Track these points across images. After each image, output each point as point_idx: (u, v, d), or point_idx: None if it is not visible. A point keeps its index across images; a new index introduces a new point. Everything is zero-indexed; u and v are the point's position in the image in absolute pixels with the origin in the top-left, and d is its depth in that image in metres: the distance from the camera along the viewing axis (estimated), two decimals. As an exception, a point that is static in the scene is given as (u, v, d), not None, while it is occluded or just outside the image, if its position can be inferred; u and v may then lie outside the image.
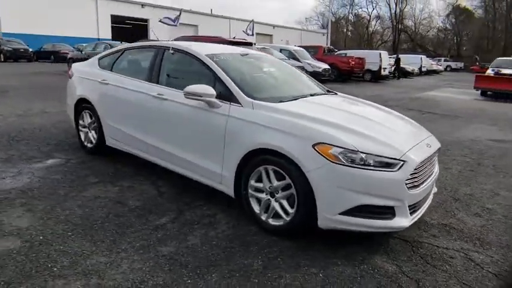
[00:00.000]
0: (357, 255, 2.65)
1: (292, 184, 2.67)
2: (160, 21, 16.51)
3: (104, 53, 4.55)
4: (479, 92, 15.82)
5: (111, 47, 13.91)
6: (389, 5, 56.92)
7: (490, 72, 16.02)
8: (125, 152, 4.11)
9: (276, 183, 2.77)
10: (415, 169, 2.63)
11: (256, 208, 2.94)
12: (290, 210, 2.73)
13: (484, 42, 51.92)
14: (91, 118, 4.44)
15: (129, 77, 3.98)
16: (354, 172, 2.48)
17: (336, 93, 3.94)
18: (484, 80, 15.46)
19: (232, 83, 3.14)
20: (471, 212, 3.54)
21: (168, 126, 3.50)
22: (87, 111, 4.46)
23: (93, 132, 4.46)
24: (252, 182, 2.92)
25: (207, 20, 35.99)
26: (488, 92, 15.63)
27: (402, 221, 2.61)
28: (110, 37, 30.72)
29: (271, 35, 43.13)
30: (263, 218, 2.89)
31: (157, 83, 3.66)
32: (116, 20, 32.61)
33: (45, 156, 4.39)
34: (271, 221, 2.85)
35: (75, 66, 4.87)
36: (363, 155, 2.51)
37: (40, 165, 4.07)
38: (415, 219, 2.75)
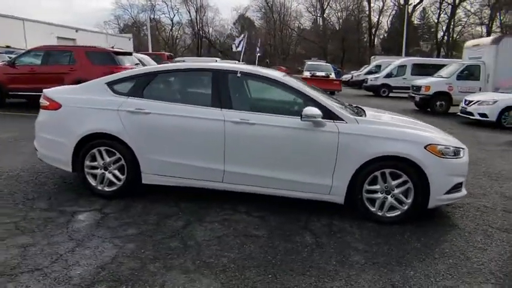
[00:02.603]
0: (448, 221, 3.65)
1: (409, 180, 3.39)
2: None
3: (115, 77, 3.73)
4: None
5: None
6: (189, 12, 60.26)
7: (307, 74, 20.00)
8: (159, 186, 3.69)
9: (392, 182, 3.41)
10: (463, 153, 3.83)
11: (371, 207, 3.49)
12: (407, 201, 3.44)
13: (268, 47, 62.43)
14: (110, 156, 3.67)
15: (182, 103, 3.59)
16: (451, 161, 3.45)
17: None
18: (307, 81, 19.22)
19: (329, 103, 3.52)
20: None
21: (261, 151, 3.48)
22: (102, 148, 3.65)
23: (115, 172, 3.69)
24: (367, 186, 3.45)
25: (-9, 20, 28.70)
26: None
27: (464, 191, 3.75)
28: None
29: (74, 39, 38.30)
30: (379, 213, 3.49)
31: (232, 108, 3.53)
32: None
33: (62, 214, 3.35)
34: (387, 214, 3.48)
35: (63, 93, 3.78)
36: (452, 148, 3.50)
37: (82, 225, 3.15)
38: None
